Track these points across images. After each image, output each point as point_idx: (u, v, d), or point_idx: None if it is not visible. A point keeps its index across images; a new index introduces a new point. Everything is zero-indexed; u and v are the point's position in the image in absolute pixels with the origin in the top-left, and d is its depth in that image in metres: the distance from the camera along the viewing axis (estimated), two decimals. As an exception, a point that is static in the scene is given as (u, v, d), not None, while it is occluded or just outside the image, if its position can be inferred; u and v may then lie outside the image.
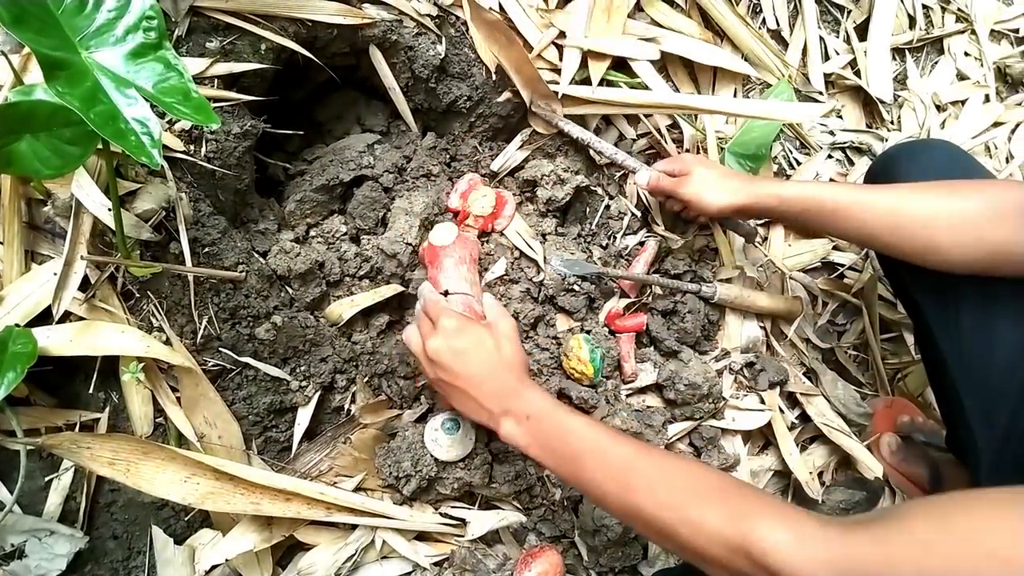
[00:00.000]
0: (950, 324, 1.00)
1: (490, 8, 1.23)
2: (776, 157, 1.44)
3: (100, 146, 0.80)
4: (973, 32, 1.71)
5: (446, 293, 1.08)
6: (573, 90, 1.26)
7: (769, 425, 1.31)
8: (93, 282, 0.93)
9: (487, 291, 1.17)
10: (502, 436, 0.89)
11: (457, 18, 1.25)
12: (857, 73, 1.58)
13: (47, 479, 0.96)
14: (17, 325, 0.89)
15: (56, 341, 0.90)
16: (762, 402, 1.32)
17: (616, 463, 0.79)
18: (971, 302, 0.97)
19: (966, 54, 1.70)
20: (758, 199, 1.10)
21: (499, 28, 1.20)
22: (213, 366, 1.02)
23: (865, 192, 1.01)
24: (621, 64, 1.32)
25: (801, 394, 1.35)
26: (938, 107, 1.64)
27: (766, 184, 1.12)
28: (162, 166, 0.97)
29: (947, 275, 0.98)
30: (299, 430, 1.08)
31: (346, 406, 1.13)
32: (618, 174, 1.39)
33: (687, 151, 1.38)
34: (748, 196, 1.10)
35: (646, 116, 1.35)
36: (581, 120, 1.32)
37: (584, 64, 1.27)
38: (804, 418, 1.36)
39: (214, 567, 1.01)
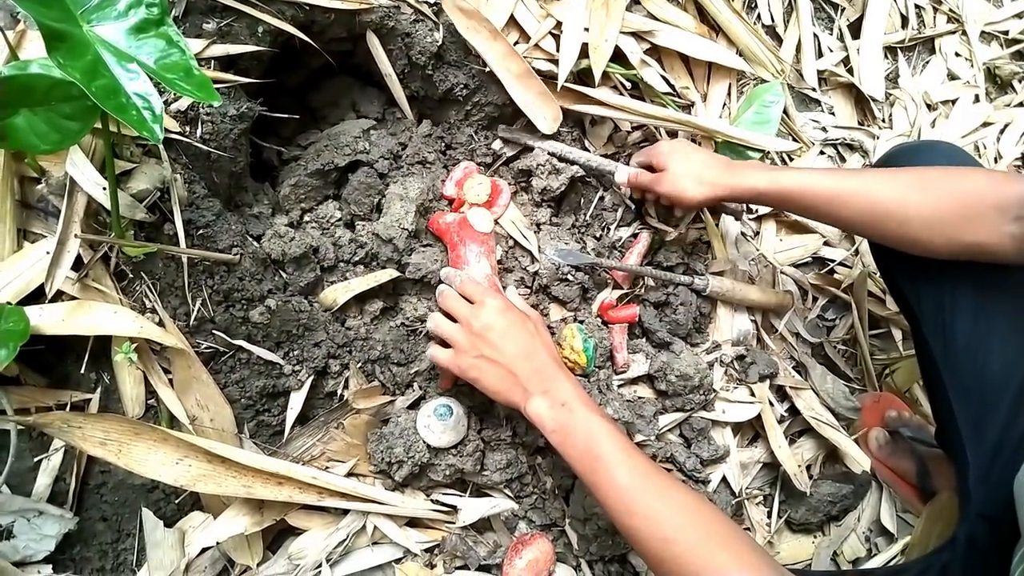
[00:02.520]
0: (945, 335, 1.01)
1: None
2: (769, 152, 1.45)
3: (98, 124, 0.79)
4: (964, 33, 1.73)
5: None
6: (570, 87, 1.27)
7: (759, 418, 1.31)
8: (86, 261, 0.93)
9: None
10: (528, 412, 0.93)
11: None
12: (850, 71, 1.60)
13: (36, 459, 0.95)
14: (9, 303, 0.88)
15: (48, 320, 0.90)
16: (752, 395, 1.33)
17: (623, 482, 0.84)
18: (965, 314, 0.99)
19: (957, 54, 1.73)
20: (735, 192, 1.11)
21: (476, 18, 1.21)
22: (206, 348, 1.02)
23: (842, 186, 1.02)
24: (617, 54, 1.32)
25: (790, 387, 1.36)
26: (929, 106, 1.66)
27: (744, 175, 1.11)
28: (157, 146, 0.96)
29: (942, 287, 1.00)
30: (291, 414, 1.08)
31: (339, 391, 1.12)
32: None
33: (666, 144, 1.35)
34: (726, 189, 1.11)
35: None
36: (576, 114, 1.32)
37: (582, 55, 1.27)
38: (793, 411, 1.37)
39: (204, 550, 1.00)
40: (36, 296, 0.91)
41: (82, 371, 0.96)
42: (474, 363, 0.98)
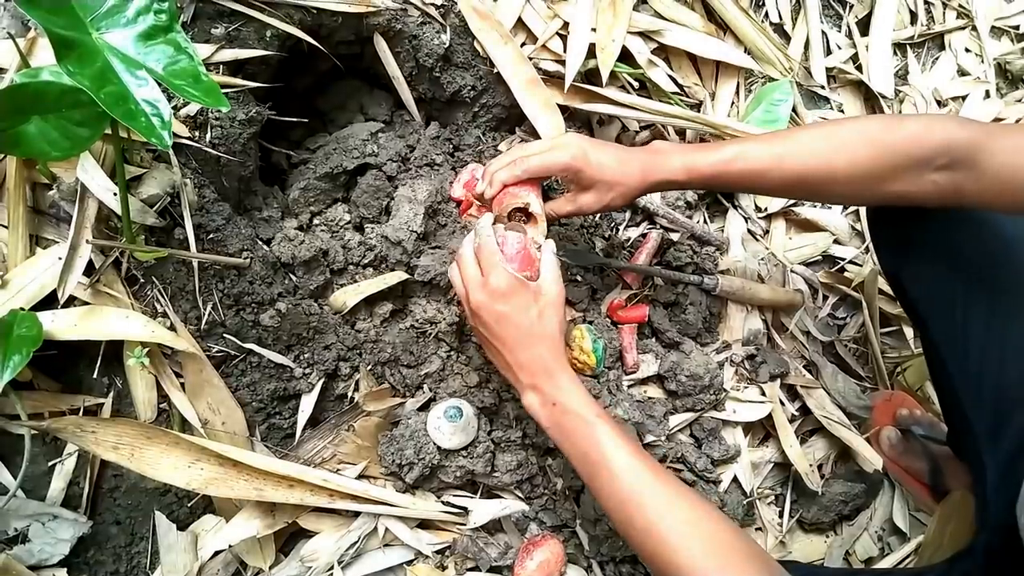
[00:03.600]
0: (957, 342, 0.99)
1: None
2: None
3: (108, 131, 0.80)
4: (974, 28, 1.72)
5: (513, 215, 1.00)
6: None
7: (769, 417, 1.31)
8: (98, 267, 0.93)
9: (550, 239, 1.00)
10: (523, 404, 0.91)
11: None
12: (859, 68, 1.59)
13: (50, 464, 0.96)
14: (22, 309, 0.89)
15: (60, 325, 0.90)
16: (763, 394, 1.33)
17: (623, 493, 0.81)
18: (978, 319, 0.96)
19: (967, 50, 1.72)
20: (653, 187, 1.02)
21: (490, 20, 1.21)
22: (217, 352, 1.02)
23: (759, 160, 0.96)
24: (624, 53, 1.32)
25: (801, 387, 1.35)
26: (939, 102, 1.65)
27: (659, 167, 1.00)
28: (167, 152, 0.97)
29: (954, 291, 0.98)
30: (302, 417, 1.08)
31: (349, 394, 1.13)
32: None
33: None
34: (643, 187, 1.01)
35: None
36: (584, 114, 1.32)
37: (590, 55, 1.27)
38: (804, 410, 1.37)
39: (217, 553, 1.01)
40: (49, 302, 0.91)
41: (95, 376, 0.96)
42: (473, 330, 0.96)
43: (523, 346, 0.90)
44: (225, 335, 1.03)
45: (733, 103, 1.46)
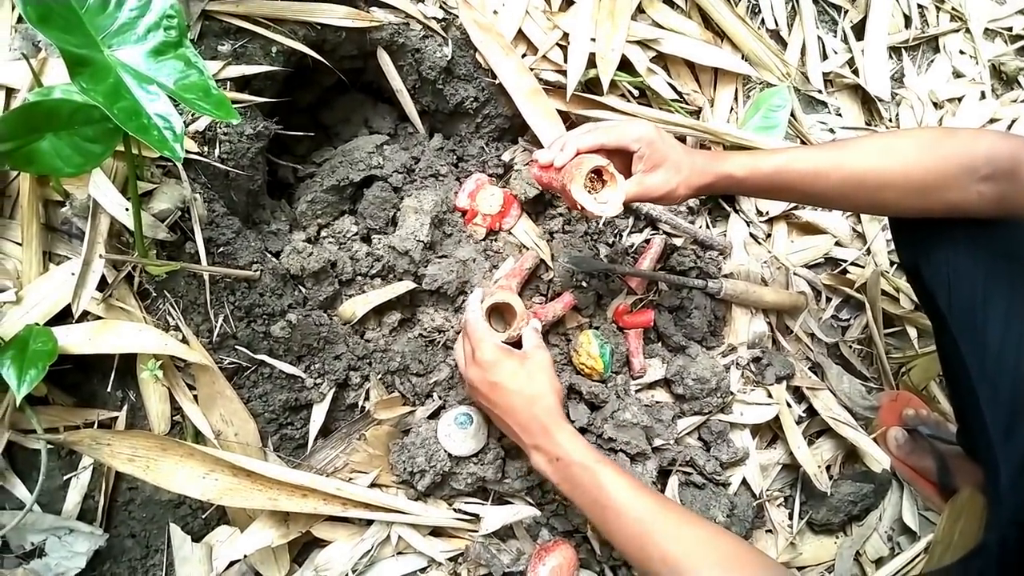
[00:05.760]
0: (976, 339, 1.00)
1: (494, 11, 1.25)
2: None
3: (121, 148, 0.81)
4: (968, 31, 1.74)
5: (589, 177, 0.99)
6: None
7: (777, 419, 1.31)
8: (111, 282, 0.95)
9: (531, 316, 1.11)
10: (532, 465, 0.95)
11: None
12: (855, 72, 1.61)
13: (66, 478, 0.97)
14: (37, 324, 0.90)
15: (75, 340, 0.92)
16: (769, 396, 1.33)
17: (634, 526, 0.84)
18: (997, 316, 0.97)
19: (961, 52, 1.73)
20: (716, 183, 1.05)
21: (491, 32, 1.23)
22: (229, 364, 1.03)
23: (818, 162, 1.01)
24: (623, 62, 1.34)
25: (807, 388, 1.36)
26: (935, 104, 1.67)
27: (723, 163, 1.04)
28: (177, 167, 0.98)
29: (974, 287, 0.99)
30: (314, 427, 1.09)
31: (360, 403, 1.14)
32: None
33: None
34: (707, 180, 1.03)
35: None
36: (586, 122, 1.34)
37: (590, 65, 1.29)
38: (811, 412, 1.37)
39: (232, 563, 1.01)
40: (63, 316, 0.93)
41: (108, 390, 0.98)
42: (476, 401, 1.03)
43: (519, 409, 0.96)
44: (237, 347, 1.04)
45: (732, 109, 1.48)
